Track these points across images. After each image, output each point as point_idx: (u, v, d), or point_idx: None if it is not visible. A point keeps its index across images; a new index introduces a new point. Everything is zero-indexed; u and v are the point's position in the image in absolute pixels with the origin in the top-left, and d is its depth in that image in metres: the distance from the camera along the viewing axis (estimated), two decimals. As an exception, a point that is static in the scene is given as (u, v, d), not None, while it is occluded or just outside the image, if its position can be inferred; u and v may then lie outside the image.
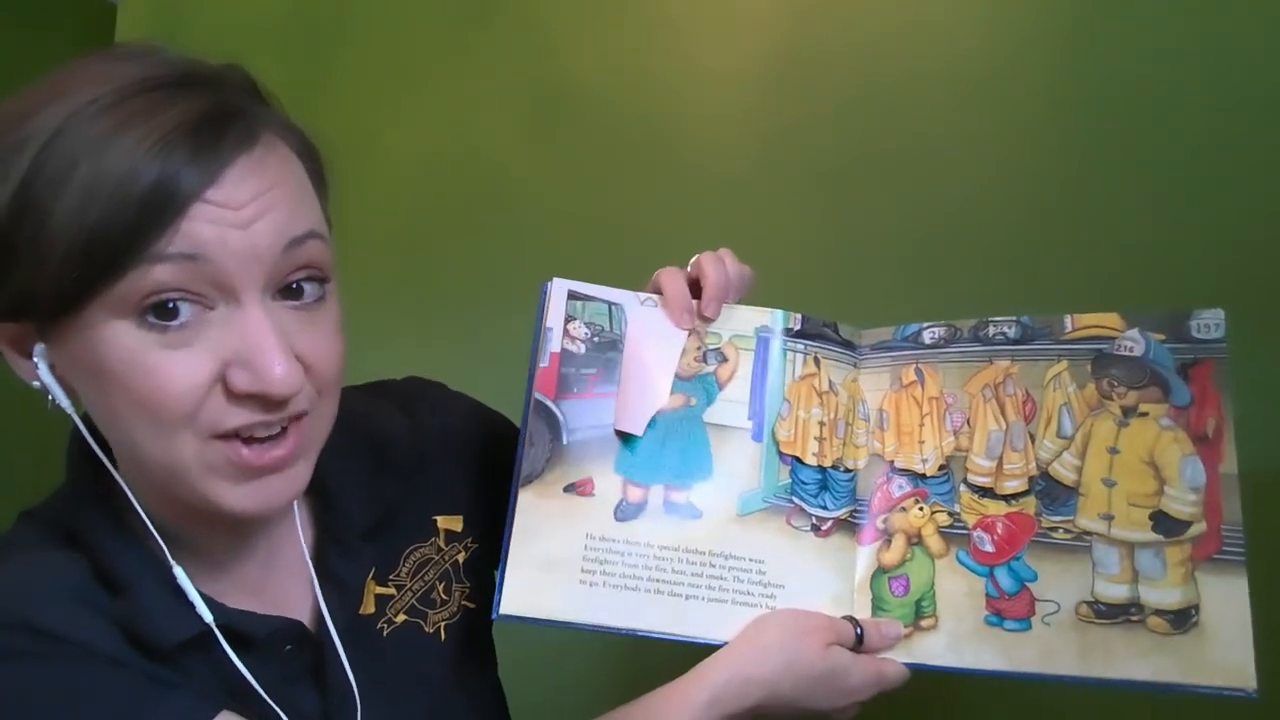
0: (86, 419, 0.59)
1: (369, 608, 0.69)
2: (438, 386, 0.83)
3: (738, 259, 0.77)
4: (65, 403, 0.56)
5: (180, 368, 0.53)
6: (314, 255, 0.56)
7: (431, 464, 0.75)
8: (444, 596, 0.74)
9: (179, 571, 0.59)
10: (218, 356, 0.54)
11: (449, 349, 1.42)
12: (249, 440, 0.56)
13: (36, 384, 0.57)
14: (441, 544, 0.75)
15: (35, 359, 0.56)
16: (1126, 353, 0.69)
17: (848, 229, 1.28)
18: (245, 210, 0.53)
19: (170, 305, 0.52)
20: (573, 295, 0.76)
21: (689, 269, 0.77)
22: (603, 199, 1.51)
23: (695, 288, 0.76)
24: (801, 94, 1.33)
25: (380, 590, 0.70)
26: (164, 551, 0.59)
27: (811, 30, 1.32)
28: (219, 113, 0.54)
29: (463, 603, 0.75)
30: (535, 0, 1.61)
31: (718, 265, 0.75)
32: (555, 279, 0.77)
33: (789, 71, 1.34)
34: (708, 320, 0.76)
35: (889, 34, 1.26)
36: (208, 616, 0.59)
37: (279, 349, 0.54)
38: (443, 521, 0.75)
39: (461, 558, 0.76)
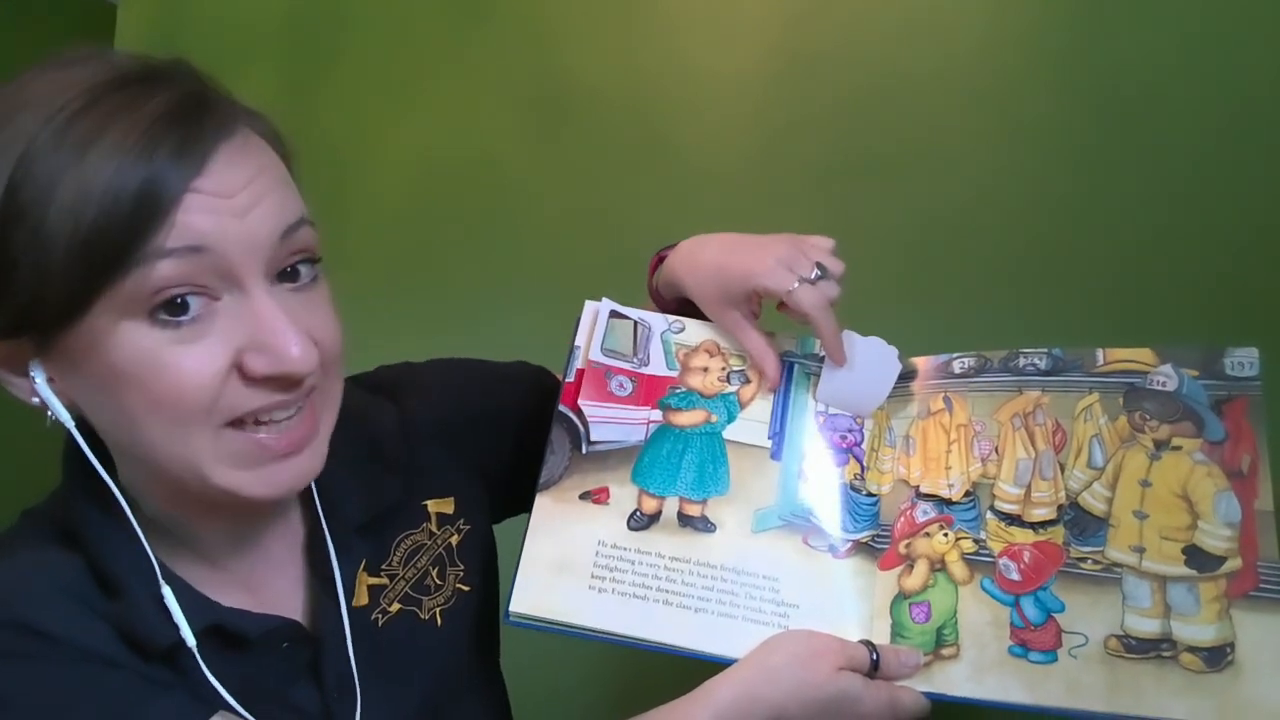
0: (82, 425, 0.57)
1: (362, 599, 0.67)
2: (406, 368, 0.81)
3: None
4: (65, 416, 0.56)
5: (197, 361, 0.53)
6: (307, 240, 0.58)
7: (419, 452, 0.74)
8: (438, 582, 0.72)
9: (167, 592, 0.58)
10: (231, 345, 0.54)
11: (448, 347, 1.40)
12: (264, 424, 0.56)
13: (35, 400, 0.56)
14: (433, 528, 0.73)
15: (32, 375, 0.55)
16: (1159, 387, 0.68)
17: (847, 229, 1.25)
18: (238, 198, 0.54)
19: (180, 300, 0.52)
20: (613, 314, 0.79)
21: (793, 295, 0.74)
22: (602, 198, 1.51)
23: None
24: (800, 94, 1.33)
25: (372, 581, 0.69)
26: (155, 559, 0.59)
27: (810, 30, 1.33)
28: (192, 103, 0.54)
29: (457, 586, 0.73)
30: (535, 0, 1.63)
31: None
32: (590, 301, 0.79)
33: (788, 71, 1.35)
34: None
35: (888, 34, 1.27)
36: (189, 638, 0.58)
37: (293, 329, 0.54)
38: (433, 505, 0.74)
39: (455, 541, 0.74)
